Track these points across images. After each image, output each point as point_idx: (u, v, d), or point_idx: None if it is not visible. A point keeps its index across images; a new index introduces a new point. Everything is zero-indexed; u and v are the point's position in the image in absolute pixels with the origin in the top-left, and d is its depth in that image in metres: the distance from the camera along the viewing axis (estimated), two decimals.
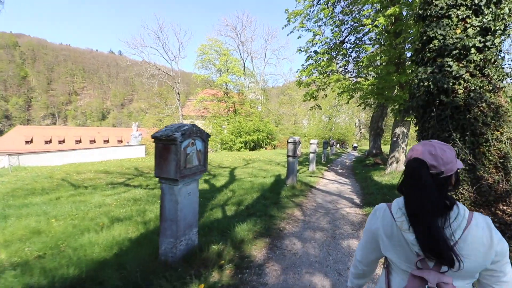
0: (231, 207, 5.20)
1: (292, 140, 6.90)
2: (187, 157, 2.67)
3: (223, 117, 27.68)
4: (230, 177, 10.19)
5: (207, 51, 28.24)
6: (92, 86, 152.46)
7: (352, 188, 7.89)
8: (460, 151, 3.12)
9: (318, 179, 9.28)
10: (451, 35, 3.41)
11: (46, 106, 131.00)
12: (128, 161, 16.53)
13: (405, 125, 8.72)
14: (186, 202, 2.72)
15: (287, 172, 7.16)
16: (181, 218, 2.66)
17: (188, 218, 2.78)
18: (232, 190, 7.13)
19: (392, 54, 7.20)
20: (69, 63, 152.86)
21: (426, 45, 3.62)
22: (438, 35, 3.47)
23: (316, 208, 5.35)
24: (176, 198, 2.60)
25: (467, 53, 3.31)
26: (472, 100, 3.11)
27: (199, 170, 2.88)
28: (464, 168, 3.14)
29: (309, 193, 6.64)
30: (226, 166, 14.32)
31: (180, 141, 2.49)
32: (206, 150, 2.98)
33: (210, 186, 8.40)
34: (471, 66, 3.27)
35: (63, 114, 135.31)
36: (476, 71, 3.26)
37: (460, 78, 3.24)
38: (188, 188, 2.74)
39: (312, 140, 11.12)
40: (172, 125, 2.73)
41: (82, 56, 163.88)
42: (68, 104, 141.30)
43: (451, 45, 3.37)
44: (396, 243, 0.98)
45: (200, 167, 2.89)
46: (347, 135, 41.78)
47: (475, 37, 3.27)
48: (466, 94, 3.18)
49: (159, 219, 2.74)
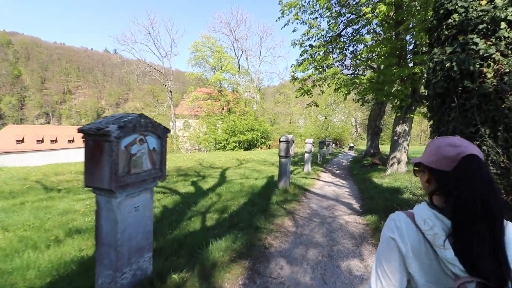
0: (213, 215, 4.51)
1: (285, 139, 6.22)
2: (132, 158, 1.97)
3: (217, 116, 26.93)
4: (220, 179, 9.53)
5: (201, 48, 27.46)
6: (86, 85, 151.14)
7: (350, 191, 7.23)
8: (490, 150, 2.46)
9: (314, 181, 8.61)
10: (474, 7, 2.74)
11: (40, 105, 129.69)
12: None
13: (406, 123, 8.07)
14: (131, 220, 2.01)
15: (279, 174, 6.47)
16: (124, 242, 1.95)
17: (135, 240, 2.08)
18: (218, 194, 6.45)
19: (393, 44, 6.54)
20: (64, 61, 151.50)
21: (443, 21, 2.95)
22: (459, 8, 2.80)
23: (311, 216, 4.66)
24: (114, 216, 1.89)
25: (496, 28, 2.64)
26: (506, 86, 2.44)
27: (153, 176, 2.17)
28: (496, 173, 2.47)
29: (303, 198, 5.95)
30: (218, 167, 13.68)
31: (117, 136, 1.78)
32: (163, 150, 2.28)
33: (197, 189, 7.71)
34: (501, 44, 2.60)
35: (57, 114, 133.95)
36: (508, 50, 2.60)
37: (489, 59, 2.57)
38: (134, 201, 2.03)
39: (307, 139, 10.45)
40: (113, 116, 2.03)
41: (77, 55, 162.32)
42: (63, 103, 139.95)
43: (476, 19, 2.70)
44: (425, 262, 0.81)
45: (154, 172, 2.19)
46: (343, 134, 41.19)
47: (506, 8, 2.60)
48: (498, 79, 2.51)
49: (95, 243, 2.03)
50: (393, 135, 8.41)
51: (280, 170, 6.40)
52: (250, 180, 8.86)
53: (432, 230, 0.80)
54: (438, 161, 0.86)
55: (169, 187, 8.03)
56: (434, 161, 0.88)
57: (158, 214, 4.63)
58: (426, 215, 0.83)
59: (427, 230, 0.81)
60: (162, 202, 5.57)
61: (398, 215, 0.90)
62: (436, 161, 0.87)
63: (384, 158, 13.00)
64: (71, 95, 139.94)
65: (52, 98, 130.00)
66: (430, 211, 0.84)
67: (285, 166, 6.33)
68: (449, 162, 0.83)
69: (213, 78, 26.09)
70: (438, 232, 0.78)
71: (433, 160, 0.88)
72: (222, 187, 7.52)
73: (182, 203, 5.55)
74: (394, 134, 8.33)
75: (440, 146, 0.88)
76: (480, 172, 0.78)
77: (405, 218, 0.88)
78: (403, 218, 0.88)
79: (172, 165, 14.22)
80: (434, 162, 0.88)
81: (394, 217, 0.91)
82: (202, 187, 7.85)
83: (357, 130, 51.40)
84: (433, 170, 0.88)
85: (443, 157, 0.85)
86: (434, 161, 0.88)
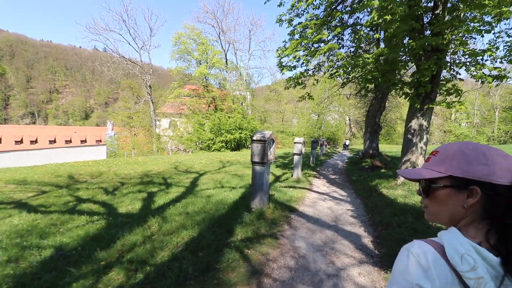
0: (119, 274, 2.48)
1: (260, 137, 4.18)
2: None
3: (203, 114, 24.74)
4: (186, 190, 7.55)
5: (184, 40, 25.24)
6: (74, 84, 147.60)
7: (353, 208, 5.26)
8: None
9: (304, 192, 6.63)
10: None
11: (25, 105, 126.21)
12: (79, 164, 13.60)
13: (425, 116, 6.14)
14: None
15: (252, 189, 4.43)
16: None
17: None
18: (164, 217, 4.43)
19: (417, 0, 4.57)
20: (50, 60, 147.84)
21: None
22: None
23: (293, 275, 2.65)
24: None
25: None
26: None
27: None
28: None
29: (285, 227, 3.93)
30: (194, 171, 11.66)
31: None
32: None
33: (144, 206, 5.71)
34: None
35: (44, 113, 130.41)
36: None
37: None
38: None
39: (296, 138, 8.46)
40: None
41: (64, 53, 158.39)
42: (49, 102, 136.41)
43: None
44: None
45: None
46: (337, 134, 39.31)
47: None
48: None
49: None
50: (406, 132, 6.47)
51: (254, 183, 4.36)
52: (222, 192, 6.87)
53: (474, 272, 0.55)
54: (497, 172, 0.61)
55: (110, 203, 5.98)
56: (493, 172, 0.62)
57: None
58: (464, 249, 0.58)
59: (466, 272, 0.56)
60: (63, 238, 3.49)
61: (422, 247, 0.63)
62: (494, 173, 0.62)
63: (387, 160, 11.11)
64: (58, 94, 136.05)
65: (38, 97, 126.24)
66: (469, 243, 0.59)
67: (260, 177, 4.30)
68: (506, 173, 0.61)
69: (198, 73, 23.83)
70: (484, 276, 0.54)
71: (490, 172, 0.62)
72: (179, 204, 5.52)
73: (96, 239, 3.50)
74: (408, 131, 6.39)
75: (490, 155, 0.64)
76: None
77: (432, 252, 0.61)
78: (430, 252, 0.61)
79: (140, 169, 12.11)
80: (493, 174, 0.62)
81: (415, 250, 0.63)
82: (152, 204, 5.83)
83: (351, 129, 49.59)
84: (485, 185, 0.62)
85: (500, 166, 0.62)
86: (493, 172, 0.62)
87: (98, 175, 10.33)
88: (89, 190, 7.51)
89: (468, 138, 42.97)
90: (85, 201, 6.33)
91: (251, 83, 32.67)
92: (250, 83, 31.72)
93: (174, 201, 5.98)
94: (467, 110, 45.72)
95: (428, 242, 0.65)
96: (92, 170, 11.22)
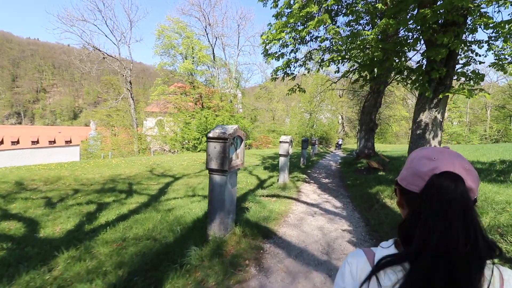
0: None
1: (219, 134, 2.87)
2: None
3: (188, 112, 23.26)
4: (149, 200, 6.26)
5: (169, 34, 23.72)
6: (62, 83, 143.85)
7: (351, 229, 4.00)
8: None
9: (289, 203, 5.35)
10: None
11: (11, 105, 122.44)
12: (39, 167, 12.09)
13: (438, 107, 4.94)
14: None
15: (209, 209, 3.09)
16: None
17: None
18: (88, 247, 3.10)
19: None
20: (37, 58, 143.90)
21: None
22: None
23: None
24: None
25: None
26: None
27: None
28: None
29: (251, 271, 2.59)
30: (170, 175, 10.33)
31: None
32: None
33: (78, 225, 4.38)
34: None
35: (30, 113, 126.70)
36: None
37: None
38: None
39: (282, 137, 7.17)
40: None
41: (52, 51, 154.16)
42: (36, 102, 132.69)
43: None
44: None
45: None
46: (330, 132, 38.20)
47: None
48: None
49: None
50: (415, 128, 5.24)
51: (211, 200, 3.04)
52: (189, 203, 5.59)
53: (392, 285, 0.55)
54: (408, 177, 0.66)
55: (37, 221, 4.63)
56: (404, 177, 0.67)
57: None
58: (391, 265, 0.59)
59: (385, 285, 0.56)
60: None
61: (355, 256, 0.67)
62: (407, 178, 0.66)
63: (386, 161, 9.92)
64: (45, 93, 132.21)
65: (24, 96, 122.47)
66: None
67: (220, 191, 2.99)
68: (420, 181, 0.62)
69: (182, 68, 22.33)
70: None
71: (404, 177, 0.67)
72: (123, 224, 4.21)
73: None
74: (417, 125, 5.16)
75: (414, 158, 0.67)
76: (454, 195, 0.55)
77: (364, 262, 0.64)
78: (361, 261, 0.65)
79: (109, 173, 10.68)
80: (404, 179, 0.67)
81: (350, 259, 0.67)
82: (91, 222, 4.50)
83: (344, 128, 48.56)
84: (403, 190, 0.67)
85: (414, 172, 0.64)
86: (405, 177, 0.67)
87: (54, 180, 8.89)
88: (28, 201, 6.11)
89: (461, 137, 42.59)
90: (9, 217, 4.95)
91: (241, 80, 31.28)
92: (239, 80, 30.32)
93: (123, 217, 4.66)
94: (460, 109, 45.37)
95: (363, 250, 0.67)
96: (50, 175, 9.76)
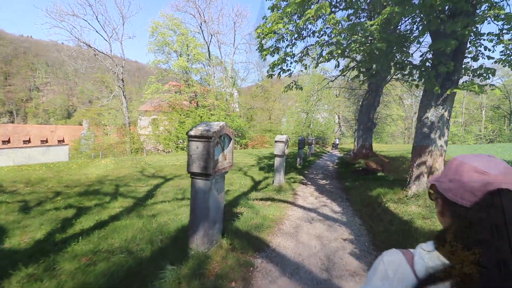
0: None
1: (202, 132, 2.46)
2: None
3: (183, 111, 22.74)
4: (134, 204, 5.90)
5: (163, 31, 23.18)
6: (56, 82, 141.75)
7: (352, 239, 3.61)
8: None
9: (284, 208, 4.96)
10: None
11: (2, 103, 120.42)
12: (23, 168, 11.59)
13: (445, 104, 4.58)
14: None
15: (191, 218, 2.67)
16: None
17: None
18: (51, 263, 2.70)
19: None
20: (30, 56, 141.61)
21: None
22: None
23: None
24: None
25: None
26: None
27: None
28: None
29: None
30: (161, 176, 9.91)
31: None
32: None
33: (49, 234, 3.93)
34: None
35: (23, 112, 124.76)
36: None
37: None
38: None
39: (278, 136, 6.78)
40: None
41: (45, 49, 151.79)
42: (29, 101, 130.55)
43: None
44: None
45: None
46: (326, 132, 37.91)
47: None
48: None
49: None
50: (419, 126, 4.87)
51: (194, 208, 2.62)
52: (176, 208, 5.19)
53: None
54: (455, 190, 0.60)
55: (5, 229, 4.18)
56: (450, 189, 0.62)
57: None
58: (431, 265, 0.57)
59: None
60: None
61: (393, 256, 0.63)
62: (453, 190, 0.61)
63: (385, 162, 9.58)
64: (39, 92, 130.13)
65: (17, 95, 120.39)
66: (439, 260, 0.56)
67: (204, 198, 2.58)
68: (470, 196, 0.57)
69: (176, 66, 21.81)
70: None
71: (449, 188, 0.62)
72: (99, 232, 3.78)
73: None
74: (422, 124, 4.80)
75: (458, 168, 0.62)
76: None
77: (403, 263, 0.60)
78: (398, 262, 0.61)
79: (96, 174, 10.21)
80: (450, 191, 0.62)
81: (386, 258, 0.64)
82: (65, 230, 4.07)
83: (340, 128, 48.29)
84: (448, 201, 0.62)
85: (463, 186, 0.59)
86: (451, 189, 0.62)
87: (36, 182, 8.40)
88: (1, 206, 5.64)
89: (456, 137, 42.61)
90: None
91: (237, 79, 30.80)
92: (236, 79, 29.84)
93: (101, 225, 4.23)
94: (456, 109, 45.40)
95: (402, 252, 0.64)
96: (33, 176, 9.25)
